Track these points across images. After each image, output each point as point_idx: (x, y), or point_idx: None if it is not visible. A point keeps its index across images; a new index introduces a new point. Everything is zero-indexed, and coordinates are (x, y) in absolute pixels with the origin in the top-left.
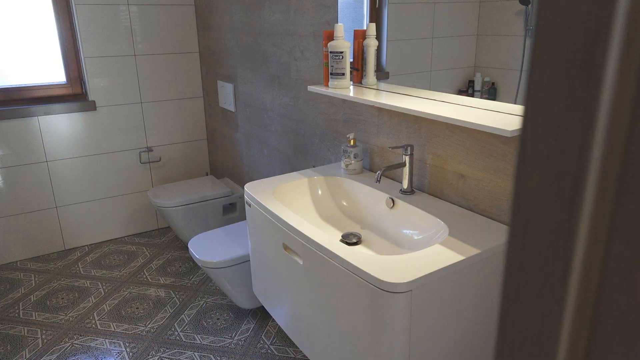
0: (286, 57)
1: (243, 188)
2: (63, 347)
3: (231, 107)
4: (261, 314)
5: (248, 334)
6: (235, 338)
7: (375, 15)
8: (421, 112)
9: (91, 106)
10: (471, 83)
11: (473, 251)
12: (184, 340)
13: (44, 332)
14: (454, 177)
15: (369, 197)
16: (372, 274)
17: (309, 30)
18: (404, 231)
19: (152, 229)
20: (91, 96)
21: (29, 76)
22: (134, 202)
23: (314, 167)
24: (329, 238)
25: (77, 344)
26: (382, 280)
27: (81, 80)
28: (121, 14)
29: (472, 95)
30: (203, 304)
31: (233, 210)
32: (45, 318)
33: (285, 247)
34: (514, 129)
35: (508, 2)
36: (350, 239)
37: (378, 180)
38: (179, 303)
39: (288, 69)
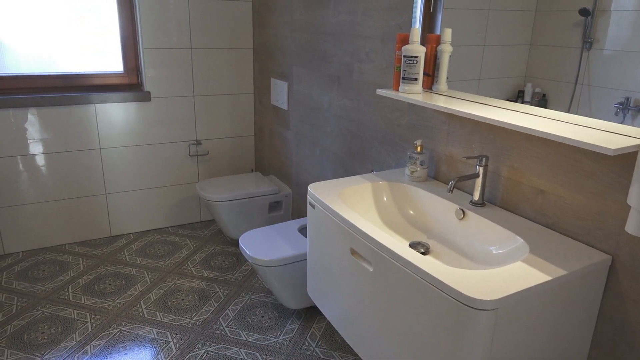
0: (349, 58)
1: (290, 186)
2: (112, 332)
3: (284, 105)
4: (305, 315)
5: (293, 334)
6: (280, 337)
7: (429, 20)
8: (511, 124)
9: (146, 97)
10: (521, 93)
11: (558, 272)
12: (229, 335)
13: (92, 316)
14: (531, 191)
15: (437, 207)
16: (456, 288)
17: (377, 32)
18: (476, 244)
19: (195, 221)
20: (146, 87)
21: (88, 64)
22: (179, 193)
23: (373, 171)
24: (403, 246)
25: (125, 330)
26: (467, 296)
27: (137, 71)
28: (181, 7)
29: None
30: (247, 300)
31: (278, 208)
32: (94, 303)
33: (353, 252)
34: (617, 147)
35: (566, 12)
36: (417, 249)
37: (451, 190)
38: (223, 298)
39: (350, 70)
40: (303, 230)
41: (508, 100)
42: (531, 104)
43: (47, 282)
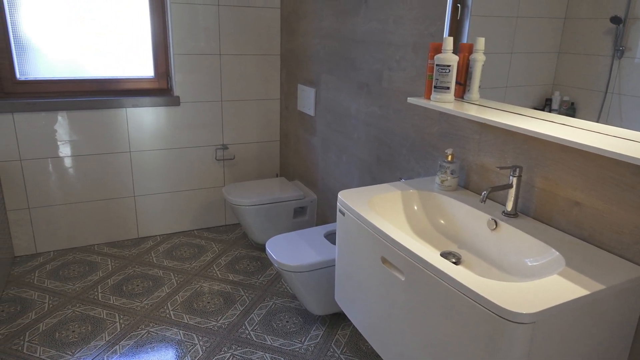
0: (378, 66)
1: (315, 192)
2: (140, 333)
3: (310, 112)
4: (330, 322)
5: (317, 340)
6: (305, 343)
7: (456, 26)
8: (550, 136)
9: (175, 101)
10: (548, 101)
11: (597, 286)
12: (254, 339)
13: (121, 316)
14: (566, 203)
15: (468, 216)
16: (492, 300)
17: (408, 40)
18: (509, 256)
19: (220, 225)
20: (176, 91)
21: (120, 69)
22: (205, 197)
23: (402, 179)
24: (436, 256)
25: (153, 332)
26: (504, 308)
27: (168, 76)
28: (211, 14)
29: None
30: (272, 304)
31: (303, 213)
32: (122, 303)
33: (384, 261)
34: None
35: (597, 20)
36: (449, 259)
37: (483, 201)
38: (248, 302)
39: (379, 78)
40: (329, 237)
41: (535, 108)
42: (559, 113)
43: (77, 281)
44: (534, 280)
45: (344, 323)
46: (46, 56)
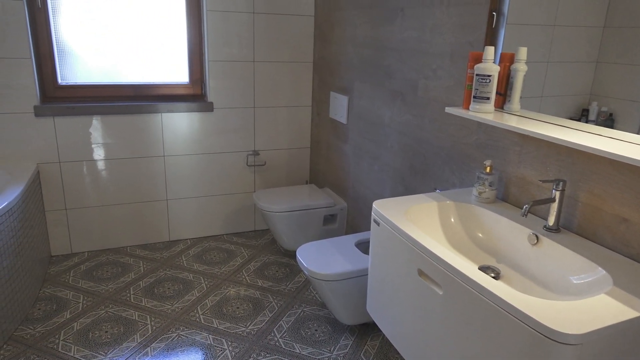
0: (414, 75)
1: (345, 200)
2: (170, 336)
3: (342, 119)
4: (359, 332)
5: (347, 350)
6: (334, 353)
7: (491, 35)
8: (601, 150)
9: (209, 107)
10: (585, 112)
11: None
12: (283, 347)
13: (152, 319)
14: (613, 220)
15: (508, 230)
16: (537, 318)
17: (446, 49)
18: (551, 272)
19: (249, 230)
20: (210, 97)
21: (156, 75)
22: (235, 202)
23: (437, 190)
24: (476, 270)
25: (183, 335)
26: (550, 328)
27: (202, 82)
28: (246, 21)
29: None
30: (300, 312)
31: (333, 221)
32: (154, 305)
33: (421, 273)
34: None
35: (637, 29)
36: (487, 273)
37: (525, 215)
38: (277, 308)
39: (415, 87)
40: (360, 246)
41: (570, 119)
42: (596, 124)
43: (110, 282)
44: (580, 299)
45: (373, 333)
46: (84, 62)
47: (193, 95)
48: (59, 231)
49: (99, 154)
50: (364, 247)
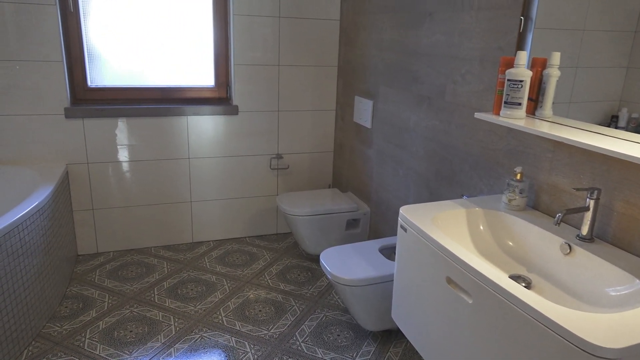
0: (442, 80)
1: (368, 205)
2: (193, 337)
3: (367, 124)
4: (382, 338)
5: (369, 356)
6: (357, 359)
7: (519, 40)
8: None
9: (234, 110)
10: (614, 118)
11: None
12: (305, 351)
13: (176, 319)
14: None
15: (539, 239)
16: (574, 331)
17: (476, 54)
18: (585, 283)
19: (271, 233)
20: (235, 101)
21: (182, 78)
22: (258, 205)
23: (464, 196)
24: (508, 280)
25: (206, 337)
26: (588, 341)
27: (227, 86)
28: (272, 25)
29: None
30: (323, 317)
31: (356, 226)
32: (177, 306)
33: (449, 281)
34: None
35: None
36: (518, 283)
37: (558, 223)
38: (299, 312)
39: (442, 92)
40: (384, 251)
41: (599, 125)
42: (626, 130)
43: (135, 282)
44: (616, 311)
45: (396, 340)
46: (112, 64)
47: (218, 98)
48: (85, 231)
49: (125, 155)
50: (387, 252)
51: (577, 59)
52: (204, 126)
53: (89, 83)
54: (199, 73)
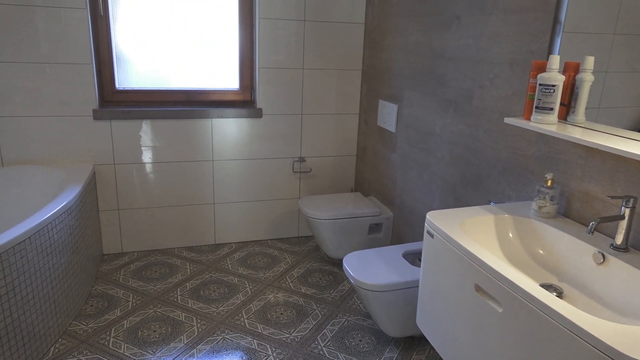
0: (469, 84)
1: (391, 209)
2: (216, 339)
3: (391, 128)
4: (404, 345)
5: None
6: None
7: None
8: None
9: (258, 113)
10: None
11: None
12: (327, 356)
13: (198, 320)
14: None
15: (571, 248)
16: (610, 343)
17: (505, 58)
18: (620, 294)
19: (293, 236)
20: (259, 104)
21: (207, 81)
22: (280, 208)
23: (491, 202)
24: (540, 289)
25: (229, 338)
26: (628, 356)
27: (251, 89)
28: (297, 29)
29: None
30: (344, 321)
31: (378, 230)
32: (200, 307)
33: (478, 289)
34: None
35: None
36: (549, 292)
37: (591, 232)
38: (320, 316)
39: (469, 96)
40: (407, 256)
41: (630, 130)
42: None
43: (159, 282)
44: None
45: (419, 347)
46: (138, 67)
47: (242, 101)
48: (111, 230)
49: (151, 156)
50: (411, 258)
51: (607, 63)
52: (228, 129)
53: (116, 85)
54: (224, 76)
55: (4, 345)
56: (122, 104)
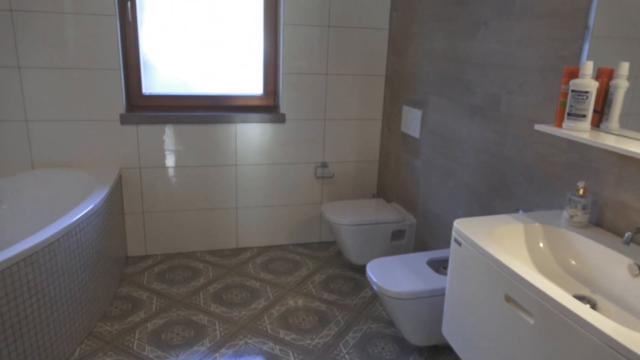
0: (496, 90)
1: (414, 216)
2: (238, 343)
3: (415, 133)
4: (428, 353)
5: None
6: None
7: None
8: None
9: (281, 118)
10: None
11: None
12: None
13: (221, 325)
14: None
15: (604, 259)
16: None
17: (535, 64)
18: None
19: (314, 241)
20: (282, 109)
21: (231, 86)
22: (302, 213)
23: (519, 211)
24: (576, 301)
25: (251, 343)
26: None
27: (275, 94)
28: (321, 34)
29: None
30: (367, 329)
31: (401, 237)
32: (222, 311)
33: (508, 300)
34: None
35: None
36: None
37: (628, 243)
38: (342, 323)
39: (497, 102)
40: (432, 264)
41: None
42: None
43: (182, 286)
44: None
45: (443, 357)
46: (163, 73)
47: (266, 106)
48: (135, 233)
49: (175, 161)
50: (435, 266)
51: (637, 68)
52: (252, 134)
53: (143, 90)
54: (248, 81)
55: (33, 345)
56: (148, 109)
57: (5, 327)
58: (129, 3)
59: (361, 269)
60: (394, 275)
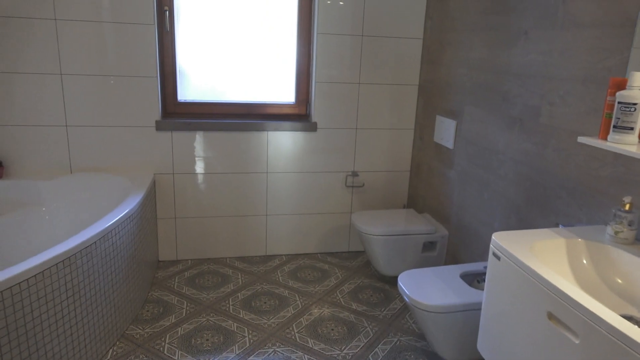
0: (536, 100)
1: (447, 228)
2: (267, 351)
3: (449, 144)
4: None
5: None
6: None
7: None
8: None
9: (313, 127)
10: None
11: None
12: None
13: (250, 331)
14: None
15: None
16: None
17: (578, 74)
18: None
19: (343, 251)
20: (314, 117)
21: (264, 94)
22: (331, 222)
23: (560, 225)
24: (627, 322)
25: (279, 352)
26: None
27: (307, 103)
28: (354, 43)
29: None
30: (397, 341)
31: (432, 249)
32: (251, 318)
33: (551, 317)
34: None
35: None
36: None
37: None
38: (372, 334)
39: (537, 113)
40: (465, 277)
41: None
42: None
43: (211, 291)
44: None
45: None
46: (197, 80)
47: (298, 114)
48: (167, 238)
49: (207, 167)
50: (469, 279)
51: None
52: (283, 142)
53: (178, 98)
54: (280, 90)
55: (68, 346)
56: (182, 116)
57: (43, 327)
58: (167, 12)
59: (391, 280)
60: (426, 288)
